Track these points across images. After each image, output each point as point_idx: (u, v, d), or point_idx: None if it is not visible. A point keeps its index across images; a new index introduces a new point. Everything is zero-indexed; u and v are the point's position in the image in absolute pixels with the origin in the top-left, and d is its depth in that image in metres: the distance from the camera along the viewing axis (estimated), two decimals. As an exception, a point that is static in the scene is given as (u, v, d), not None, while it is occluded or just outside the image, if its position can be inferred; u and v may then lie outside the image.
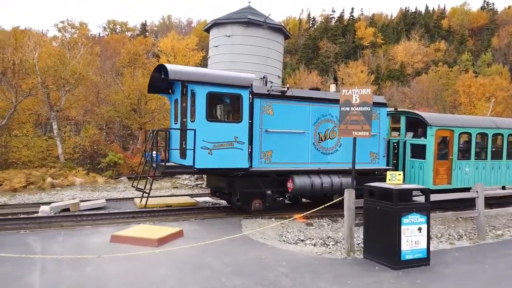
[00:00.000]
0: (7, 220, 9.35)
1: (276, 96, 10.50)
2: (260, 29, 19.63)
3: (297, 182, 10.28)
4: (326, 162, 11.15)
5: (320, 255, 7.22)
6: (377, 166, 11.83)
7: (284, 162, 10.56)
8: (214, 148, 9.44)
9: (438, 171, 11.99)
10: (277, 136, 10.42)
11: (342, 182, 10.74)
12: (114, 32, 70.36)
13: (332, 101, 11.22)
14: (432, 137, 11.73)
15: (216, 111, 10.52)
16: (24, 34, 25.77)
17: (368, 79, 54.86)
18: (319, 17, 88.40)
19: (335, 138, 11.27)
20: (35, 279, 5.58)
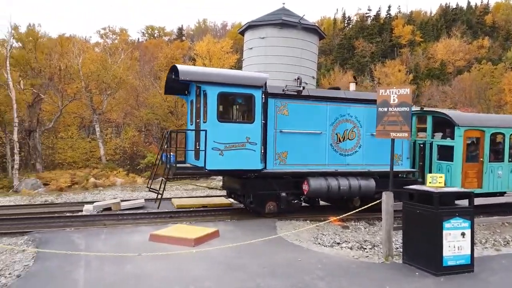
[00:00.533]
0: (55, 218, 9.89)
1: (292, 96, 10.27)
2: (295, 30, 19.56)
3: (313, 184, 10.01)
4: (345, 164, 10.77)
5: (357, 259, 7.09)
6: (400, 169, 11.30)
7: (300, 163, 10.29)
8: (225, 149, 9.29)
9: (467, 174, 11.27)
10: (292, 137, 10.19)
11: (361, 185, 10.40)
12: (152, 37, 72.46)
13: (351, 100, 10.89)
14: (461, 138, 11.06)
15: (228, 112, 10.34)
16: (69, 41, 27.13)
17: (406, 78, 53.22)
18: (355, 16, 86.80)
19: (354, 139, 10.88)
20: (80, 275, 5.85)
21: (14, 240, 7.93)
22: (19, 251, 7.06)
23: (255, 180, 10.03)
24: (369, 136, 10.88)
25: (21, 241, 7.81)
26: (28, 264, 6.32)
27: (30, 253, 6.86)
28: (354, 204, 10.98)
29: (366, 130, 10.93)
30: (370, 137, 10.85)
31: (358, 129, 10.91)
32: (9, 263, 6.46)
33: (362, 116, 10.94)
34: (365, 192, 10.50)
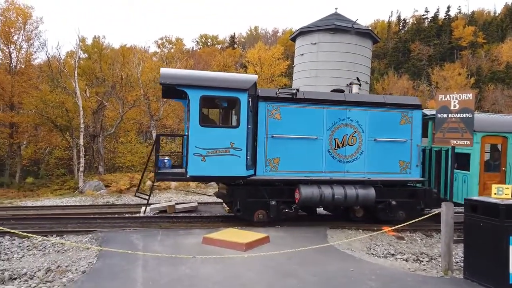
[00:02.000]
0: (115, 219, 10.49)
1: (285, 99, 9.80)
2: (347, 35, 19.29)
3: (304, 192, 9.47)
4: (344, 172, 10.13)
5: (413, 272, 6.79)
6: (408, 177, 10.46)
7: (293, 170, 9.80)
8: (208, 155, 8.92)
9: (486, 186, 10.08)
10: (285, 142, 9.73)
11: (359, 194, 9.72)
12: (206, 45, 74.76)
13: (351, 103, 10.22)
14: (478, 144, 10.04)
15: (211, 116, 9.97)
16: (130, 52, 28.76)
17: (467, 82, 50.18)
18: (411, 19, 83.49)
19: (355, 145, 10.19)
20: (138, 273, 6.16)
21: (80, 238, 8.52)
22: (84, 249, 7.57)
23: (244, 187, 9.65)
24: (372, 141, 10.27)
25: (86, 239, 8.38)
26: (92, 261, 6.75)
27: (93, 251, 7.34)
28: (356, 215, 10.46)
29: (369, 136, 10.27)
30: (373, 143, 10.27)
31: (359, 134, 10.24)
32: (75, 259, 6.95)
33: (364, 120, 10.27)
34: (364, 202, 9.90)
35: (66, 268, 6.49)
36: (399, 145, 10.31)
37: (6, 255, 7.55)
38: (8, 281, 6.08)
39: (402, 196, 10.40)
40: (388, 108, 10.38)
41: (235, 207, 9.67)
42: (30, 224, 9.83)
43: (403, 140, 10.33)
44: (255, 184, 9.68)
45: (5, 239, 8.37)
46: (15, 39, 29.16)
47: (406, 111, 10.42)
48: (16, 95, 27.12)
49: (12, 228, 7.97)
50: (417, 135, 10.54)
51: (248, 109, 9.21)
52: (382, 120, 10.33)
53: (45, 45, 33.81)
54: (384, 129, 10.32)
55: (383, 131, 10.31)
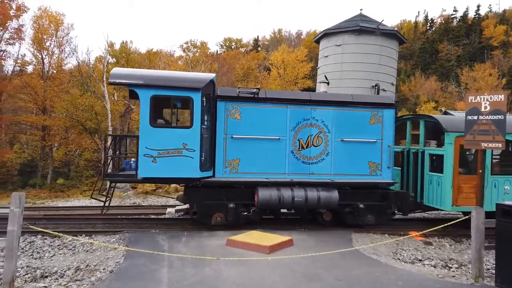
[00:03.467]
0: (142, 220, 10.71)
1: (245, 98, 9.52)
2: (373, 36, 19.03)
3: (261, 195, 9.20)
4: (309, 173, 9.78)
5: (442, 278, 6.59)
6: (378, 179, 10.00)
7: (254, 172, 9.50)
8: (159, 156, 8.68)
9: (461, 189, 9.61)
10: (245, 143, 9.46)
11: (321, 197, 9.37)
12: (230, 49, 75.32)
13: (316, 102, 9.85)
14: (451, 145, 9.49)
15: (163, 116, 9.74)
16: (156, 56, 29.35)
17: (498, 83, 48.44)
18: (438, 18, 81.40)
19: (320, 146, 9.82)
20: (164, 274, 6.25)
21: (108, 238, 8.74)
22: (112, 249, 7.76)
23: (201, 189, 9.44)
24: (339, 142, 9.90)
25: (114, 240, 8.58)
26: (119, 261, 6.91)
27: (121, 251, 7.51)
28: (324, 218, 10.04)
29: (336, 136, 9.90)
30: (340, 144, 9.90)
31: (325, 135, 9.88)
32: (103, 259, 7.14)
33: (331, 120, 9.91)
34: (326, 204, 9.56)
35: (95, 268, 6.68)
36: (368, 145, 9.91)
37: (38, 254, 7.84)
38: (40, 279, 6.30)
39: (372, 199, 10.00)
40: (357, 107, 9.99)
41: (192, 209, 9.45)
42: (61, 224, 10.17)
43: (373, 141, 9.92)
44: (214, 186, 9.46)
45: (37, 238, 8.69)
46: (48, 45, 30.35)
47: (376, 110, 10.00)
48: (48, 99, 28.21)
49: (44, 227, 8.26)
50: (389, 135, 10.09)
51: (202, 109, 8.96)
52: (350, 120, 9.95)
53: (75, 51, 35.02)
54: (352, 129, 9.93)
55: (351, 131, 9.93)
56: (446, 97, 50.72)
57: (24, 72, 32.86)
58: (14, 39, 29.56)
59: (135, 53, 36.01)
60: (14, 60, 31.89)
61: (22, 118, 29.43)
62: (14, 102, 31.29)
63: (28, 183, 27.53)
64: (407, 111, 41.91)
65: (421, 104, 45.17)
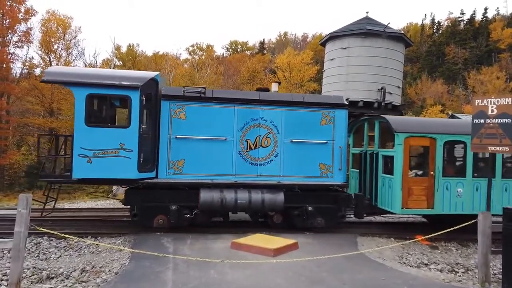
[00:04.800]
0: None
1: (191, 98, 9.31)
2: (379, 39, 18.98)
3: (203, 197, 9.01)
4: (256, 175, 9.55)
5: (448, 283, 6.55)
6: (329, 181, 9.76)
7: (200, 173, 9.30)
8: (94, 156, 8.42)
9: (412, 191, 9.41)
10: (190, 143, 9.26)
11: (265, 199, 9.16)
12: (235, 51, 75.53)
13: (265, 102, 9.64)
14: (401, 146, 9.29)
15: (100, 115, 9.38)
16: (162, 59, 29.55)
17: (505, 86, 48.09)
18: (445, 21, 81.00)
19: (269, 147, 9.59)
20: (168, 276, 6.27)
21: (113, 240, 8.78)
22: (117, 251, 7.79)
23: (142, 190, 9.17)
24: (288, 143, 9.68)
25: (119, 241, 8.62)
26: (125, 263, 6.94)
27: (126, 252, 7.54)
28: (274, 221, 9.79)
29: (285, 137, 9.68)
30: (290, 145, 9.68)
31: (274, 135, 9.66)
32: (109, 261, 7.17)
33: (280, 120, 9.70)
34: (271, 207, 9.35)
35: (100, 269, 6.71)
36: (319, 147, 9.71)
37: (44, 255, 7.90)
38: (46, 280, 6.35)
39: (322, 202, 9.78)
40: (307, 108, 9.78)
41: (132, 211, 9.24)
42: (67, 225, 10.21)
43: (323, 142, 9.72)
44: (156, 187, 9.22)
45: (43, 240, 8.76)
46: (55, 48, 30.66)
47: (327, 111, 9.79)
48: (56, 101, 28.48)
49: (50, 229, 8.30)
50: (340, 136, 9.87)
51: (141, 108, 8.75)
52: (300, 120, 9.75)
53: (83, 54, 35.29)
54: (303, 130, 9.73)
55: (301, 132, 9.73)
56: (453, 100, 50.44)
57: (32, 74, 33.21)
58: (22, 42, 29.94)
59: (141, 56, 36.26)
60: (22, 63, 32.29)
61: (29, 120, 29.74)
62: (22, 105, 31.64)
63: (35, 185, 27.76)
64: (414, 114, 41.72)
65: (427, 107, 44.94)
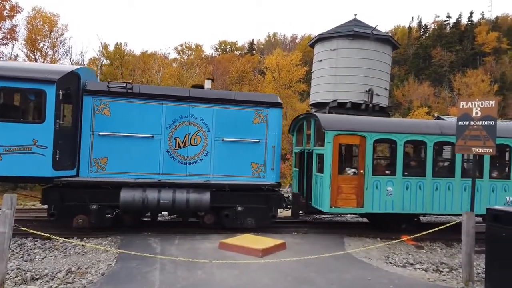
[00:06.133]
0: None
1: (116, 93, 9.03)
2: (367, 41, 19.19)
3: (123, 196, 8.72)
4: (185, 174, 9.36)
5: (433, 282, 6.65)
6: (261, 181, 9.59)
7: (124, 172, 9.04)
8: (5, 153, 8.06)
9: (341, 189, 9.39)
10: (114, 140, 8.98)
11: (190, 199, 8.92)
12: (224, 52, 75.45)
13: (195, 99, 9.44)
14: (330, 144, 9.27)
15: (11, 109, 9.02)
16: (151, 58, 29.35)
17: (490, 89, 49.07)
18: (432, 24, 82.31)
19: (198, 145, 9.41)
20: (156, 277, 6.23)
21: (100, 241, 8.67)
22: (104, 251, 7.71)
23: (61, 189, 8.77)
24: (219, 142, 9.54)
25: (105, 242, 8.52)
26: (111, 264, 6.87)
27: (112, 253, 7.46)
28: (205, 221, 9.55)
29: (216, 135, 9.54)
30: (221, 143, 9.54)
31: (204, 134, 9.49)
32: (95, 262, 7.09)
33: (211, 118, 9.53)
34: (196, 207, 9.11)
35: (86, 270, 6.63)
36: (251, 146, 9.57)
37: (29, 256, 7.77)
38: (30, 281, 6.24)
39: (253, 202, 9.58)
40: (239, 106, 9.64)
41: (49, 211, 8.84)
42: (52, 226, 10.04)
43: (256, 141, 9.60)
44: (77, 186, 8.85)
45: (28, 240, 8.61)
46: (41, 46, 30.19)
47: (260, 109, 9.66)
48: None
49: (34, 229, 8.18)
50: (273, 135, 9.74)
51: (57, 103, 8.39)
52: (232, 119, 9.61)
53: (69, 52, 34.88)
54: (234, 129, 9.59)
55: (233, 130, 9.58)
56: (439, 103, 51.24)
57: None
58: (7, 39, 29.46)
59: (129, 55, 35.94)
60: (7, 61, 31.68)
61: (14, 119, 29.14)
62: (6, 103, 31.02)
63: (19, 185, 27.24)
64: (401, 116, 42.23)
65: (414, 109, 45.54)
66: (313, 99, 21.12)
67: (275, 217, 9.87)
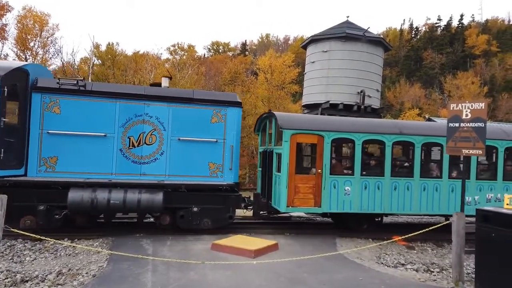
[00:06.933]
0: (126, 224, 10.56)
1: (67, 90, 8.80)
2: (359, 43, 19.32)
3: (71, 196, 8.44)
4: (139, 174, 9.17)
5: (423, 282, 6.72)
6: (219, 181, 9.43)
7: (75, 171, 8.82)
8: None
9: (298, 189, 9.32)
10: (65, 139, 8.76)
11: (141, 199, 8.67)
12: (217, 52, 75.35)
13: (151, 98, 9.27)
14: (287, 143, 9.21)
15: None
16: (143, 58, 29.20)
17: (480, 91, 49.69)
18: (423, 27, 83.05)
19: (154, 144, 9.22)
20: (148, 278, 6.20)
21: (91, 242, 8.60)
22: (95, 253, 7.66)
23: (7, 189, 8.33)
24: (175, 141, 9.37)
25: (97, 243, 8.46)
26: (103, 265, 6.83)
27: (104, 255, 7.41)
28: (162, 222, 9.39)
29: (172, 134, 9.36)
30: (177, 143, 9.37)
31: (160, 133, 9.31)
32: (86, 263, 7.04)
33: (167, 117, 9.36)
34: (148, 208, 8.89)
35: (77, 272, 6.57)
36: (209, 145, 9.43)
37: (19, 258, 7.67)
38: (20, 283, 6.17)
39: (209, 202, 9.38)
40: (197, 104, 9.48)
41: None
42: (41, 227, 9.92)
43: (213, 140, 9.46)
44: (25, 186, 8.55)
45: (17, 242, 8.50)
46: (32, 45, 29.87)
47: (218, 108, 9.51)
48: (31, 100, 27.63)
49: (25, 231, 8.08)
50: (232, 135, 9.58)
51: (1, 100, 8.10)
52: (189, 118, 9.44)
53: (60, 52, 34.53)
54: (191, 128, 9.43)
55: (190, 129, 9.42)
56: (430, 104, 51.73)
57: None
58: (-3, 38, 29.07)
59: (121, 55, 35.74)
60: (-3, 60, 31.30)
61: (4, 119, 28.76)
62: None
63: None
64: (392, 117, 42.56)
65: (405, 110, 45.92)
66: (305, 101, 21.21)
67: (233, 218, 9.70)
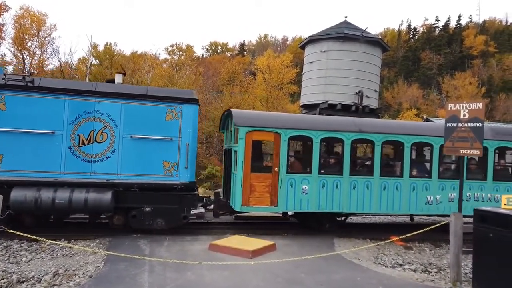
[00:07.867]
0: (123, 223, 10.51)
1: (13, 86, 8.55)
2: (357, 43, 19.30)
3: (14, 196, 8.23)
4: (90, 173, 8.88)
5: (421, 282, 6.71)
6: (174, 180, 9.18)
7: (21, 170, 8.54)
8: None
9: (254, 187, 9.11)
10: (10, 137, 8.51)
11: (88, 199, 8.45)
12: (215, 53, 75.30)
13: (101, 94, 9.00)
14: (242, 141, 9.02)
15: None
16: (141, 58, 29.16)
17: (478, 91, 49.83)
18: (421, 27, 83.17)
19: (105, 142, 8.96)
20: (145, 279, 6.17)
21: (88, 243, 8.57)
22: (92, 253, 7.62)
23: None
24: (128, 139, 9.09)
25: (93, 244, 8.43)
26: (99, 266, 6.79)
27: (101, 255, 7.38)
28: (115, 222, 9.27)
29: (124, 132, 9.09)
30: (129, 141, 9.09)
31: (111, 130, 9.03)
32: (83, 264, 7.00)
33: (118, 114, 9.09)
34: (95, 208, 8.66)
35: (74, 272, 6.54)
36: (163, 143, 9.18)
37: (15, 258, 7.64)
38: (16, 284, 6.14)
39: (163, 202, 9.21)
40: (150, 101, 9.23)
41: None
42: (39, 227, 9.89)
43: (168, 138, 9.19)
44: None
45: (14, 242, 8.46)
46: (29, 45, 29.78)
47: (173, 106, 9.27)
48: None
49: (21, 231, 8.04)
50: (187, 132, 9.34)
51: None
52: (142, 115, 9.18)
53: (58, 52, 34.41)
54: (145, 125, 9.17)
55: (143, 127, 9.16)
56: (428, 105, 51.82)
57: (4, 72, 32.10)
58: (-6, 38, 28.96)
59: (119, 55, 35.68)
60: (-6, 60, 31.18)
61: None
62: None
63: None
64: (390, 117, 42.62)
65: (403, 111, 45.99)
66: (303, 101, 21.19)
67: (187, 218, 9.57)
